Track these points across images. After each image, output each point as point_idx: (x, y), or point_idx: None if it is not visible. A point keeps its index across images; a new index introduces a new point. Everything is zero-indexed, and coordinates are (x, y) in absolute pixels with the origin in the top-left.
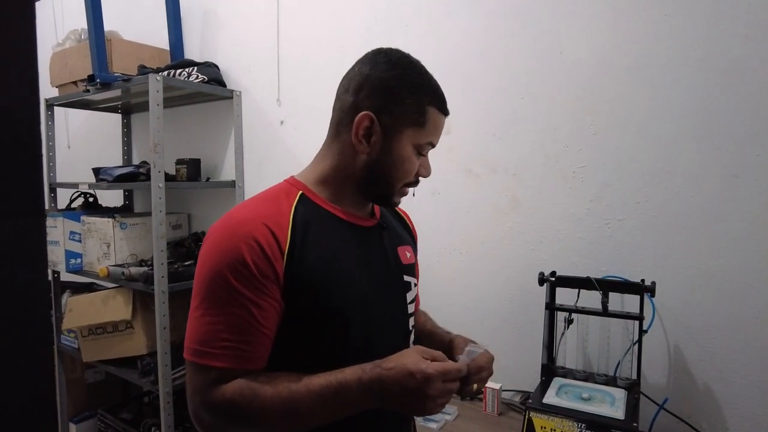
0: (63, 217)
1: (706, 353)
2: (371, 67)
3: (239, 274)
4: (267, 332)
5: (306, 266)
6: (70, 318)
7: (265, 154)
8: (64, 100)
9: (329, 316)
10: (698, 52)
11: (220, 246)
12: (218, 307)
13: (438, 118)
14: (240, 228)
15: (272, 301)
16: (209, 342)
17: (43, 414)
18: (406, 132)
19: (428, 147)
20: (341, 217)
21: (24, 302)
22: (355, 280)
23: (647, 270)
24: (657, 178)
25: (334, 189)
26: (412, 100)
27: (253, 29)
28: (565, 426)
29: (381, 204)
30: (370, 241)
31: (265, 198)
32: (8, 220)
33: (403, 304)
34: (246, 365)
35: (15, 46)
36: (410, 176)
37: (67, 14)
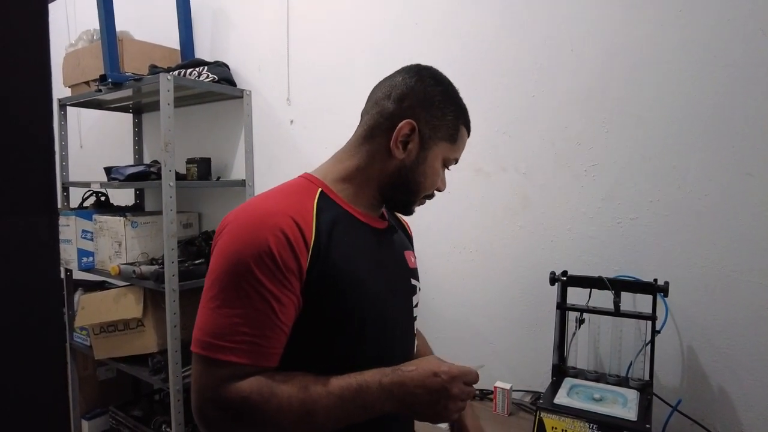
0: (75, 215)
1: (720, 354)
2: (417, 79)
3: (264, 266)
4: (285, 329)
5: (329, 264)
6: (82, 316)
7: (275, 154)
8: (76, 99)
9: (346, 316)
10: (712, 48)
11: (244, 236)
12: (238, 299)
13: (465, 138)
14: (267, 219)
15: (292, 296)
16: (226, 335)
17: (56, 411)
18: (441, 145)
19: (452, 162)
20: (358, 218)
21: (37, 300)
22: (372, 281)
23: (660, 269)
24: (670, 177)
25: (354, 189)
26: (451, 116)
27: (263, 29)
28: (576, 427)
29: (399, 210)
30: (383, 244)
31: (287, 192)
32: (22, 218)
33: (409, 308)
34: (262, 362)
35: (28, 47)
36: (433, 187)
37: (80, 15)
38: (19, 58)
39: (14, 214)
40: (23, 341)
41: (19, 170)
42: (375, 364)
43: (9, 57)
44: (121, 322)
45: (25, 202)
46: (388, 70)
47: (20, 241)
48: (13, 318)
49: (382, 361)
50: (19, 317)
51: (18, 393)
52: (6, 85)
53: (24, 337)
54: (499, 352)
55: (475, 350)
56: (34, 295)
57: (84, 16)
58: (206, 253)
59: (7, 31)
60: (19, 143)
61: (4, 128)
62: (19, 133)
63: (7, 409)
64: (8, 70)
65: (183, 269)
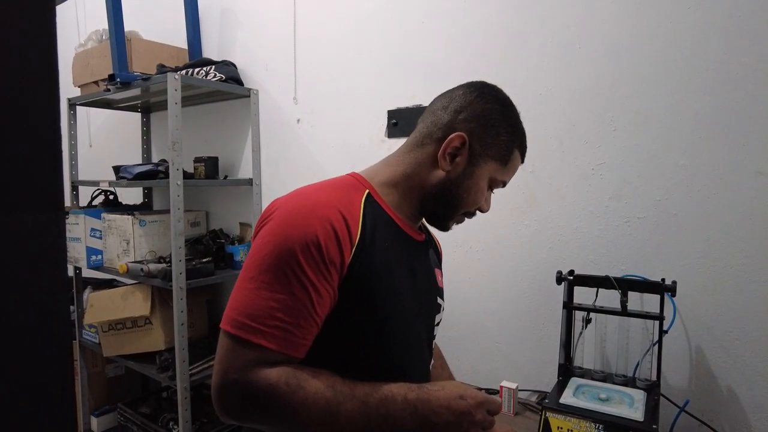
0: (84, 214)
1: (729, 355)
2: (478, 95)
3: (310, 255)
4: (318, 321)
5: (370, 263)
6: (91, 313)
7: (282, 152)
8: (86, 99)
9: (376, 319)
10: (722, 45)
11: (293, 223)
12: (279, 284)
13: (517, 162)
14: (318, 210)
15: (330, 290)
16: (260, 318)
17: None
18: (490, 163)
19: (500, 185)
20: (400, 226)
21: (44, 296)
22: (404, 291)
23: (668, 269)
24: (678, 176)
25: (399, 196)
26: (506, 137)
27: (270, 28)
28: (582, 427)
29: (436, 225)
30: (419, 256)
31: (337, 187)
32: (29, 214)
33: (431, 325)
34: (291, 351)
35: (35, 46)
36: (475, 206)
37: (90, 15)
38: (25, 57)
39: (22, 211)
40: (30, 338)
41: (27, 168)
42: (394, 374)
43: (16, 56)
44: (129, 320)
45: (32, 199)
46: (395, 68)
47: (27, 237)
48: (20, 314)
49: (400, 372)
50: (26, 314)
51: (25, 391)
52: (14, 84)
53: (31, 334)
54: (505, 351)
55: (481, 349)
56: (41, 291)
57: (93, 17)
58: (213, 251)
59: (14, 30)
60: (27, 141)
61: (11, 126)
62: (26, 131)
63: (14, 405)
64: (16, 70)
65: (190, 267)
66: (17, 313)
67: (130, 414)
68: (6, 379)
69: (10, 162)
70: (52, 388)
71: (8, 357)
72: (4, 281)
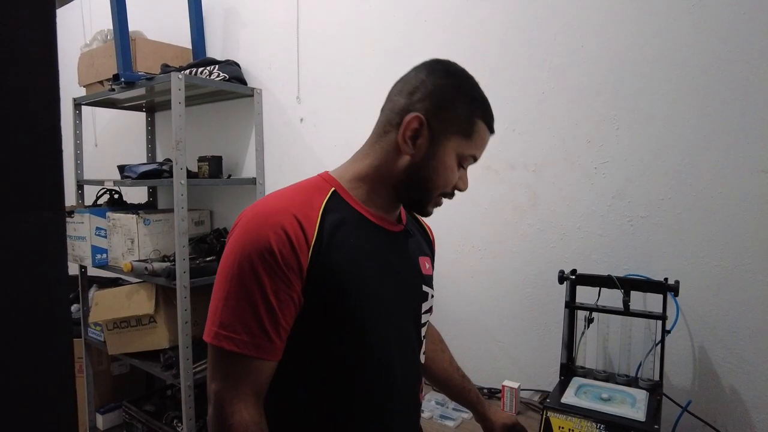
0: (89, 213)
1: (732, 355)
2: (428, 73)
3: (265, 262)
4: (284, 324)
5: (330, 263)
6: (96, 311)
7: (286, 152)
8: (91, 99)
9: (347, 317)
10: (725, 44)
11: (250, 233)
12: (241, 293)
13: (485, 133)
14: (270, 218)
15: (293, 294)
16: (231, 327)
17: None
18: (453, 140)
19: (470, 160)
20: (370, 219)
21: (44, 295)
22: (377, 284)
23: (671, 269)
24: (682, 175)
25: (368, 189)
26: (464, 109)
27: (273, 27)
28: (583, 426)
29: (415, 211)
30: (395, 247)
31: (298, 191)
32: (29, 213)
33: (417, 314)
34: (265, 356)
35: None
36: (449, 185)
37: (95, 16)
38: (25, 56)
39: (22, 209)
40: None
41: (26, 166)
42: (374, 367)
43: (17, 56)
44: (134, 318)
45: (32, 197)
46: (398, 67)
47: (27, 236)
48: (20, 312)
49: (381, 365)
50: (26, 312)
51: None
52: (14, 84)
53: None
54: (508, 350)
55: (483, 348)
56: (40, 290)
57: (98, 17)
58: (217, 250)
59: (15, 30)
60: (26, 139)
61: (12, 126)
62: (26, 129)
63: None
64: (16, 70)
65: (194, 266)
66: (17, 311)
67: (135, 411)
68: (6, 376)
69: (11, 162)
70: (52, 385)
71: (8, 355)
72: (4, 279)
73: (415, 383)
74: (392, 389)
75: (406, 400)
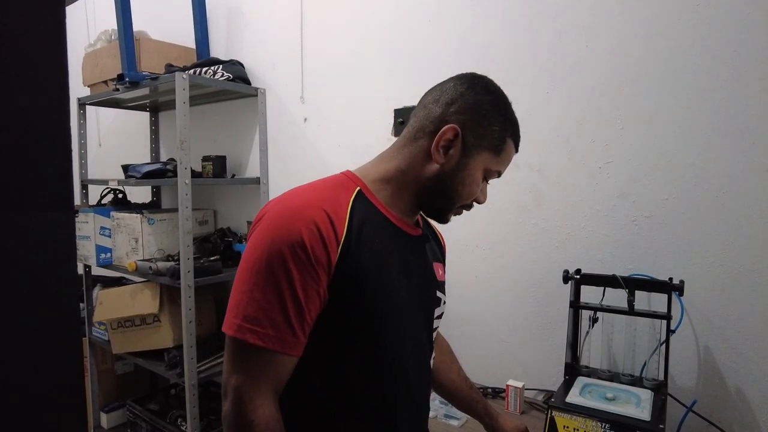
0: (94, 212)
1: (738, 355)
2: (468, 86)
3: (296, 257)
4: (309, 320)
5: (357, 261)
6: (100, 311)
7: (289, 151)
8: (95, 99)
9: (367, 317)
10: (731, 43)
11: (280, 226)
12: (269, 286)
13: (511, 151)
14: (302, 211)
15: (320, 289)
16: (255, 320)
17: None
18: (483, 155)
19: (495, 175)
20: (393, 222)
21: (53, 295)
22: (397, 286)
23: (676, 268)
24: (687, 174)
25: (392, 191)
26: (498, 127)
27: (277, 27)
28: (588, 426)
29: (434, 217)
30: (413, 251)
31: (325, 187)
32: (39, 213)
33: (430, 319)
34: (288, 351)
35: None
36: (472, 197)
37: (99, 16)
38: (36, 57)
39: (32, 209)
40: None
41: (36, 166)
42: (389, 367)
43: (26, 56)
44: (138, 318)
45: (42, 197)
46: (402, 67)
47: (37, 236)
48: (30, 312)
49: (396, 365)
50: (35, 312)
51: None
52: (24, 84)
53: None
54: (512, 350)
55: (487, 348)
56: (50, 290)
57: (103, 17)
58: (221, 249)
59: (24, 30)
60: (36, 139)
61: (22, 126)
62: (36, 129)
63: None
64: (26, 69)
65: (198, 266)
66: (28, 310)
67: (139, 411)
68: (16, 376)
69: (21, 161)
70: (62, 385)
71: (19, 354)
72: (15, 279)
73: (426, 386)
74: (407, 391)
75: (418, 403)
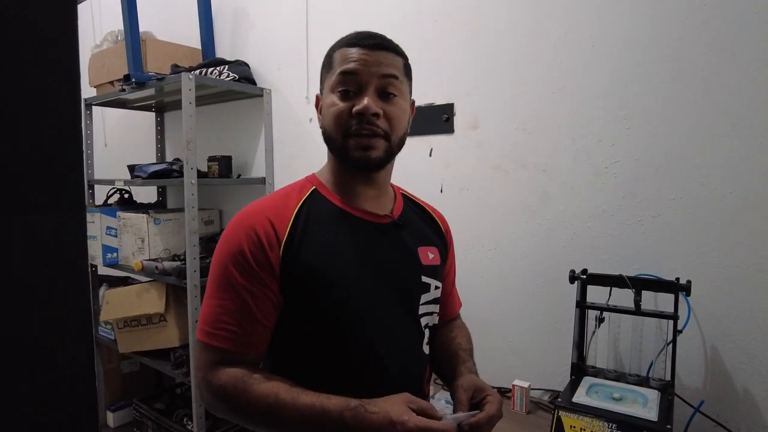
0: (100, 212)
1: (745, 355)
2: None
3: (238, 263)
4: (262, 320)
5: (302, 259)
6: (106, 310)
7: (295, 151)
8: (101, 99)
9: (324, 311)
10: (739, 42)
11: (227, 237)
12: (220, 292)
13: (344, 52)
14: (245, 221)
15: (268, 291)
16: (212, 324)
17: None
18: (325, 84)
19: (340, 82)
20: (351, 213)
21: (65, 294)
22: (357, 277)
23: (682, 268)
24: (693, 174)
25: (339, 180)
26: (327, 57)
27: (282, 27)
28: (595, 426)
29: (350, 164)
30: (382, 239)
31: (279, 193)
32: (51, 214)
33: (413, 306)
34: (244, 349)
35: (58, 48)
36: (340, 120)
37: (105, 16)
38: (49, 60)
39: (44, 210)
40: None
41: (49, 168)
42: (360, 363)
43: (39, 59)
44: (144, 317)
45: (54, 198)
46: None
47: (50, 235)
48: (43, 311)
49: (368, 361)
50: (48, 311)
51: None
52: (37, 87)
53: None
54: (518, 350)
55: (493, 348)
56: (62, 289)
57: (109, 18)
58: None
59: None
60: (49, 141)
61: (35, 127)
62: (48, 131)
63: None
64: (39, 72)
65: (204, 265)
66: (40, 309)
67: (145, 410)
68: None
69: (33, 162)
70: (73, 383)
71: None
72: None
73: (415, 374)
74: (385, 381)
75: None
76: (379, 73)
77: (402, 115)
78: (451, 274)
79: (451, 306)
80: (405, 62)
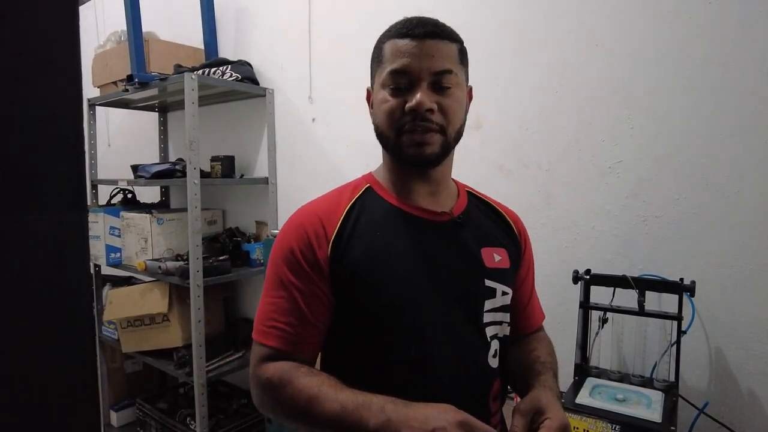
0: (103, 212)
1: (750, 356)
2: None
3: (288, 261)
4: (312, 320)
5: (349, 259)
6: (110, 310)
7: (298, 151)
8: (104, 99)
9: (374, 313)
10: (743, 42)
11: (280, 236)
12: (273, 290)
13: (394, 45)
14: (296, 219)
15: (318, 291)
16: (264, 321)
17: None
18: (376, 79)
19: (392, 78)
20: (406, 211)
21: (67, 294)
22: (409, 278)
23: (686, 269)
24: (697, 174)
25: (394, 177)
26: (376, 50)
27: (285, 27)
28: (598, 427)
29: (404, 161)
30: (438, 238)
31: (334, 192)
32: (53, 214)
33: (475, 312)
34: (293, 349)
35: (60, 50)
36: (392, 117)
37: (108, 17)
38: (51, 60)
39: (46, 210)
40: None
41: (51, 168)
42: (410, 367)
43: (41, 59)
44: (147, 317)
45: (57, 198)
46: None
47: (52, 236)
48: (45, 310)
49: (418, 365)
50: (50, 312)
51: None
52: (39, 87)
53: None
54: None
55: None
56: (64, 289)
57: (112, 18)
58: (230, 249)
59: (39, 33)
60: (51, 142)
61: (37, 128)
62: (50, 132)
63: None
64: (41, 73)
65: (207, 265)
66: (42, 309)
67: (149, 409)
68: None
69: (35, 163)
70: (75, 383)
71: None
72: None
73: (478, 389)
74: (440, 395)
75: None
76: (432, 69)
77: (458, 107)
78: (529, 281)
79: (532, 317)
80: (460, 47)
